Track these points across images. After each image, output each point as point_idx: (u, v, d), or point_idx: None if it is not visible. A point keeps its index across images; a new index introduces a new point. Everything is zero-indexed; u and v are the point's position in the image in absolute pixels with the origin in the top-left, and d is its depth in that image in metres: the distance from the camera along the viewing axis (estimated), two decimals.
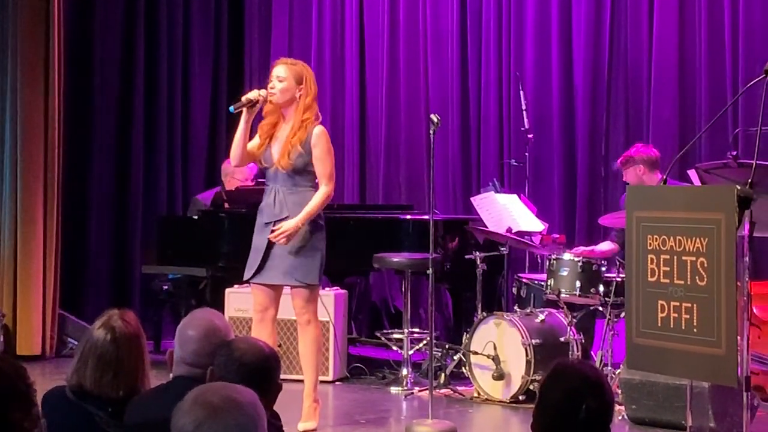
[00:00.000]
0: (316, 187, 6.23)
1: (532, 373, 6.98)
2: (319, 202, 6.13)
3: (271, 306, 6.25)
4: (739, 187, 4.14)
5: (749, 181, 4.20)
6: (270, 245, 6.15)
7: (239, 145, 6.16)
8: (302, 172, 6.14)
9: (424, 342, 7.78)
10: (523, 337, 7.05)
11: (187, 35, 10.37)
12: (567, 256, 7.16)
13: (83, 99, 9.68)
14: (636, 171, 7.31)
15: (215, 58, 10.56)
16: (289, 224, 6.06)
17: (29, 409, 2.17)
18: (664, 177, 5.00)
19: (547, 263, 7.20)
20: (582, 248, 7.45)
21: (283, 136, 6.16)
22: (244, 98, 6.16)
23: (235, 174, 8.62)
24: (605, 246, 7.54)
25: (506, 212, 7.70)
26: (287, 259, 6.12)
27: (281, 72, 6.18)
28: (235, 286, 7.87)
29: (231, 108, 6.29)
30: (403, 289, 7.94)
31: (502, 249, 7.76)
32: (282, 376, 3.46)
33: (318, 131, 6.14)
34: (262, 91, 6.17)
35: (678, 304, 4.34)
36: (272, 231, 6.12)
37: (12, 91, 8.56)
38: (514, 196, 7.95)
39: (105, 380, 3.54)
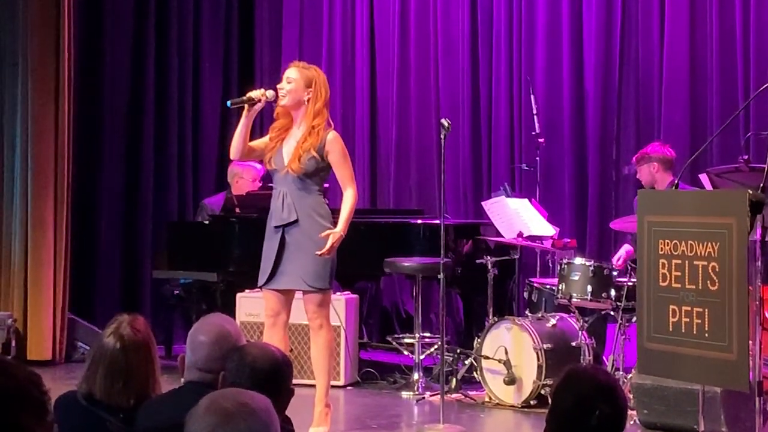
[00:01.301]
0: (323, 191, 6.24)
1: (543, 377, 6.97)
2: (351, 205, 6.12)
3: (282, 311, 6.23)
4: (751, 192, 4.13)
5: (761, 185, 4.20)
6: (281, 250, 6.14)
7: (238, 140, 6.16)
8: (312, 176, 6.12)
9: (436, 346, 7.77)
10: (534, 342, 7.04)
11: (197, 41, 10.38)
12: (578, 260, 7.15)
13: (93, 105, 9.69)
14: (650, 169, 7.31)
15: (225, 63, 10.56)
16: (334, 235, 6.05)
17: (43, 416, 2.16)
18: (676, 181, 4.99)
19: (559, 268, 7.19)
20: (618, 259, 7.38)
21: (293, 140, 6.15)
22: (246, 96, 6.17)
23: (243, 174, 8.61)
24: (627, 249, 7.51)
25: (517, 216, 7.68)
26: (299, 263, 6.11)
27: (291, 74, 6.17)
28: (246, 290, 7.88)
29: (228, 102, 6.32)
30: (414, 293, 7.94)
31: (513, 253, 7.75)
32: (294, 381, 3.45)
33: (331, 137, 6.13)
34: (269, 92, 6.15)
35: (689, 308, 4.33)
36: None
37: (23, 98, 8.59)
38: (525, 201, 7.94)
39: (115, 389, 3.53)
